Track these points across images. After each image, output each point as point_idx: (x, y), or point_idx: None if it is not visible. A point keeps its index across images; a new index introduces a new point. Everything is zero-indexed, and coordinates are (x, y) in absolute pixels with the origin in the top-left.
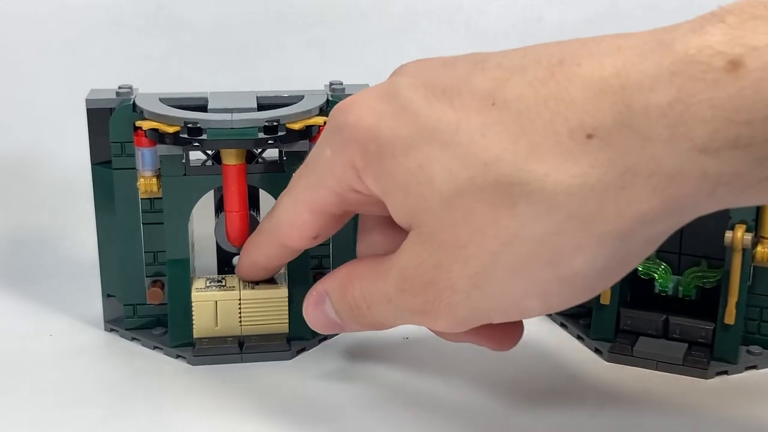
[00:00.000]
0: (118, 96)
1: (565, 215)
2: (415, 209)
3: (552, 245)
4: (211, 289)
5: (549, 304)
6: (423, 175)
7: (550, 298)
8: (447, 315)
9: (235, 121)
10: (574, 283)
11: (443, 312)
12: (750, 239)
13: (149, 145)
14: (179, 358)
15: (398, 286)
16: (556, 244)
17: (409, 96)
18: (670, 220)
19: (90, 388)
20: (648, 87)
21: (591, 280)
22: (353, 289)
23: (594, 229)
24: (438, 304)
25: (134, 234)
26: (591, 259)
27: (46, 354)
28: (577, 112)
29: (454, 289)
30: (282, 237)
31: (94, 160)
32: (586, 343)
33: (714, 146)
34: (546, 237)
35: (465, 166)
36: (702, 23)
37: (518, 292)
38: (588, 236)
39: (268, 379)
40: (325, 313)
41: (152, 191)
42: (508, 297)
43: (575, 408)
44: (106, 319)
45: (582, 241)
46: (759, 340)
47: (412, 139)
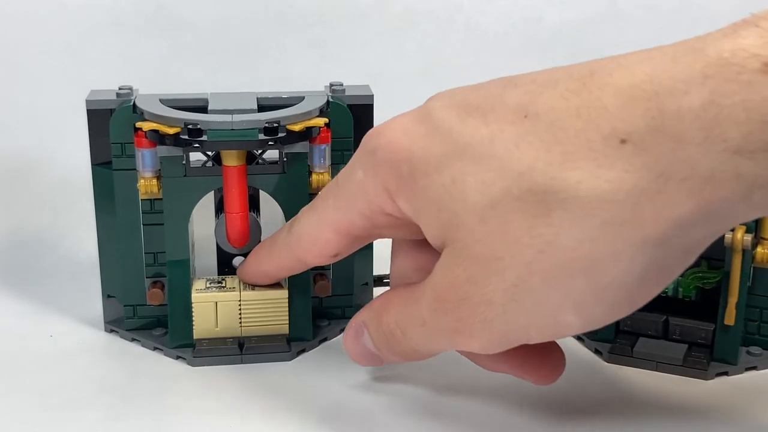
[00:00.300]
0: (119, 97)
1: (600, 221)
2: (449, 225)
3: (587, 252)
4: (212, 290)
5: (587, 318)
6: (456, 191)
7: (588, 310)
8: (482, 332)
9: (235, 123)
10: (610, 294)
11: (478, 329)
12: (750, 240)
13: (149, 146)
14: (179, 359)
15: (432, 306)
16: (592, 251)
17: (442, 116)
18: (706, 225)
19: (90, 388)
20: (681, 90)
21: (628, 290)
22: (388, 317)
23: (630, 236)
24: (472, 321)
25: (134, 235)
26: (628, 267)
27: (46, 354)
28: (609, 119)
29: (490, 303)
30: (301, 252)
31: (94, 161)
32: (586, 343)
33: (749, 148)
34: (581, 244)
35: (499, 177)
36: (734, 28)
37: (554, 303)
38: (624, 242)
39: (268, 380)
40: (363, 345)
41: (152, 192)
42: (544, 310)
43: (575, 408)
44: (106, 320)
45: (618, 248)
46: (759, 341)
47: (446, 156)
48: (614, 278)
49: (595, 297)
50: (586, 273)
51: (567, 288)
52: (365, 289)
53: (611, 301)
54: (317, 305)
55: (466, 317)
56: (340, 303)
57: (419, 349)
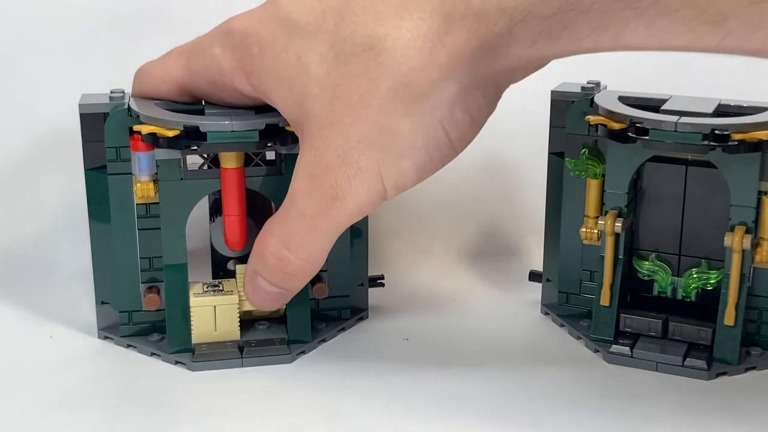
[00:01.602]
0: (112, 100)
1: (408, 68)
2: (301, 99)
3: (405, 98)
4: (209, 294)
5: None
6: (301, 66)
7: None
8: (350, 193)
9: (235, 125)
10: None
11: (346, 190)
12: (750, 241)
13: (146, 150)
14: (178, 364)
15: (305, 190)
16: (407, 95)
17: (284, 1)
18: (489, 60)
19: (89, 397)
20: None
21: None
22: (270, 248)
23: (432, 76)
24: (340, 183)
25: (130, 240)
26: (436, 104)
27: (40, 362)
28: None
29: (346, 163)
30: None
31: (88, 166)
32: (586, 344)
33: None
34: (398, 91)
35: (331, 47)
36: None
37: (393, 150)
38: (429, 84)
39: (268, 383)
40: (262, 289)
41: (149, 196)
42: (388, 159)
43: (575, 408)
44: (99, 327)
45: (425, 90)
46: (759, 341)
47: (289, 37)
48: (428, 113)
49: (421, 137)
50: (408, 115)
51: (398, 131)
52: (361, 290)
53: (434, 139)
54: (314, 307)
55: (333, 182)
56: (337, 305)
57: (310, 256)
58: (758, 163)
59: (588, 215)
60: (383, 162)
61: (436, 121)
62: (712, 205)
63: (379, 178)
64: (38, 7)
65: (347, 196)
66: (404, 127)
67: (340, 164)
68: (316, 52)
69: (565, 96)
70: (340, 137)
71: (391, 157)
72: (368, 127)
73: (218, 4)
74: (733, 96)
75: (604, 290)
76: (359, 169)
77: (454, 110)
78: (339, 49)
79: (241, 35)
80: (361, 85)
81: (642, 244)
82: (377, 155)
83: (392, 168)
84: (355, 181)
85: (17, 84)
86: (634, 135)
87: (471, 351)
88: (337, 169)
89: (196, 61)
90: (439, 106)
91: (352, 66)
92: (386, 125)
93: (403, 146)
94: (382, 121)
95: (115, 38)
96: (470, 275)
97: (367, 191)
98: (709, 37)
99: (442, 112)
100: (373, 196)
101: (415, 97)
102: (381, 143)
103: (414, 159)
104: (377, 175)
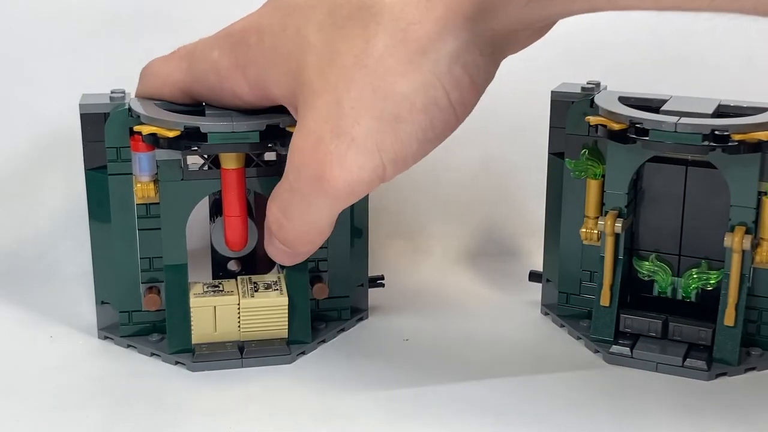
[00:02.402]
0: (112, 101)
1: (404, 24)
2: (297, 70)
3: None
4: (209, 294)
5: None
6: (301, 38)
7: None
8: (341, 167)
9: (236, 125)
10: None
11: (336, 165)
12: (750, 241)
13: (147, 150)
14: (179, 365)
15: (294, 165)
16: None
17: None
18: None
19: (89, 397)
20: None
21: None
22: (269, 212)
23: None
24: (331, 158)
25: (130, 240)
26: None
27: (40, 364)
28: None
29: (339, 135)
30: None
31: (88, 166)
32: (586, 344)
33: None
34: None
35: (329, 14)
36: None
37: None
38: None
39: (268, 383)
40: (276, 247)
41: (149, 196)
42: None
43: (575, 409)
44: (99, 327)
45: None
46: (759, 341)
47: (288, 15)
48: (427, 71)
49: (420, 97)
50: (405, 73)
51: (396, 92)
52: (361, 291)
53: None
54: (314, 308)
55: (323, 157)
56: (337, 305)
57: (307, 227)
58: (758, 163)
59: (588, 215)
60: (380, 130)
61: (435, 78)
62: (712, 205)
63: (376, 151)
64: (38, 7)
65: (338, 173)
66: (402, 87)
67: (332, 136)
68: (314, 22)
69: (565, 96)
70: (332, 105)
71: (389, 122)
72: (362, 90)
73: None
74: (733, 96)
75: (604, 290)
76: (353, 140)
77: (453, 67)
78: (336, 14)
79: (240, 32)
80: (356, 46)
81: (642, 244)
82: (373, 123)
83: (390, 136)
84: (349, 155)
85: (17, 84)
86: (634, 135)
87: (471, 351)
88: (328, 142)
89: (196, 66)
90: (437, 62)
91: (348, 29)
92: (382, 87)
93: (401, 109)
94: (378, 83)
95: (115, 38)
96: (470, 275)
97: (362, 166)
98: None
99: (441, 68)
100: (369, 173)
101: (412, 53)
102: (377, 107)
103: (414, 123)
104: (373, 147)
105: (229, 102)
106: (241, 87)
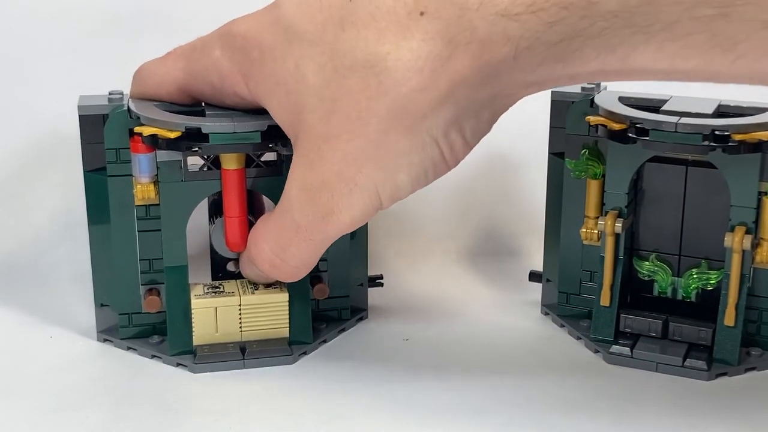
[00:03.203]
0: (111, 102)
1: (408, 89)
2: (297, 108)
3: (403, 117)
4: (210, 295)
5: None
6: (299, 74)
7: (414, 169)
8: (347, 207)
9: (237, 126)
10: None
11: (344, 205)
12: (750, 241)
13: (146, 151)
14: (180, 366)
15: (300, 201)
16: (407, 114)
17: (287, 7)
18: (489, 85)
19: (89, 399)
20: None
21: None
22: (261, 254)
23: (431, 98)
24: (337, 198)
25: (129, 241)
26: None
27: (39, 366)
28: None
29: (342, 179)
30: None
31: (87, 167)
32: (586, 344)
33: (514, 11)
34: (397, 112)
35: (329, 59)
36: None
37: (390, 166)
38: (428, 105)
39: (270, 384)
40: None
41: (149, 198)
42: (385, 174)
43: (575, 409)
44: (99, 329)
45: (424, 111)
46: (759, 341)
47: (289, 43)
48: (425, 133)
49: (418, 154)
50: (406, 134)
51: (396, 149)
52: (360, 290)
53: (429, 156)
54: (314, 308)
55: (329, 197)
56: (337, 305)
57: (302, 263)
58: (758, 163)
59: (588, 215)
60: (380, 178)
61: (431, 139)
62: (712, 205)
63: (376, 193)
64: (38, 7)
65: (343, 210)
66: (402, 145)
67: (337, 180)
68: (314, 62)
69: (565, 96)
70: (337, 152)
71: (389, 172)
72: (366, 144)
73: (218, 5)
74: (733, 97)
75: (604, 290)
76: (356, 185)
77: (449, 132)
78: (338, 61)
79: (242, 39)
80: (359, 102)
81: (642, 244)
82: (374, 172)
83: (389, 182)
84: (352, 197)
85: (17, 84)
86: (635, 135)
87: (471, 351)
88: (333, 185)
89: (196, 63)
90: (435, 126)
91: (350, 81)
92: (384, 143)
93: (400, 162)
94: (380, 139)
95: (115, 38)
96: (470, 275)
97: (364, 206)
98: (719, 60)
99: (438, 132)
100: (369, 209)
101: (413, 118)
102: (378, 160)
103: (410, 173)
104: (374, 190)
105: (229, 100)
106: (243, 90)
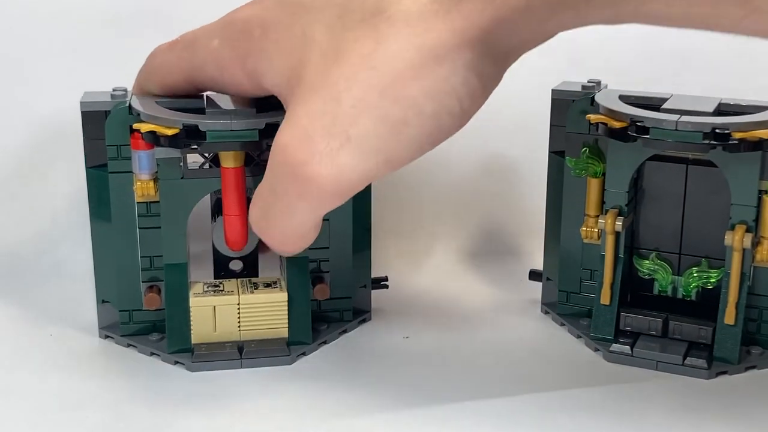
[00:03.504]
0: (113, 99)
1: (420, 30)
2: (297, 64)
3: (414, 61)
4: (209, 293)
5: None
6: (306, 39)
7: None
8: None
9: (234, 124)
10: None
11: (326, 164)
12: (750, 239)
13: (146, 148)
14: (178, 365)
15: (274, 164)
16: (417, 58)
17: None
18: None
19: (89, 396)
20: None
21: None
22: (251, 214)
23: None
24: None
25: (130, 238)
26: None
27: (40, 363)
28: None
29: (331, 134)
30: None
31: (89, 164)
32: (586, 343)
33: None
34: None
35: (338, 17)
36: None
37: (395, 116)
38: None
39: (268, 384)
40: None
41: (149, 195)
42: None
43: (575, 408)
44: (100, 326)
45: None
46: (759, 340)
47: (296, 15)
48: (442, 79)
49: (431, 104)
50: (417, 78)
51: (404, 98)
52: (364, 292)
53: (445, 107)
54: (315, 308)
55: (310, 156)
56: (339, 306)
57: (289, 232)
58: (759, 161)
59: (588, 214)
60: (381, 132)
61: (449, 86)
62: (712, 203)
63: (372, 153)
64: (38, 7)
65: (326, 172)
66: (412, 91)
67: (324, 134)
68: (323, 24)
69: (565, 95)
70: (328, 101)
71: (393, 125)
72: (366, 91)
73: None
74: (733, 95)
75: (604, 289)
76: (347, 140)
77: (468, 77)
78: (347, 18)
79: (244, 22)
80: (365, 46)
81: (642, 242)
82: (374, 124)
83: (391, 139)
84: (341, 155)
85: (17, 84)
86: (635, 134)
87: (471, 351)
88: (317, 141)
89: (196, 56)
90: (454, 72)
91: (359, 32)
92: (390, 89)
93: (409, 113)
94: (385, 85)
95: (115, 38)
96: (470, 275)
97: (353, 168)
98: (734, 10)
99: (457, 80)
100: (359, 175)
101: (427, 60)
102: (381, 109)
103: (420, 128)
104: (370, 149)
105: (230, 90)
106: (240, 78)
